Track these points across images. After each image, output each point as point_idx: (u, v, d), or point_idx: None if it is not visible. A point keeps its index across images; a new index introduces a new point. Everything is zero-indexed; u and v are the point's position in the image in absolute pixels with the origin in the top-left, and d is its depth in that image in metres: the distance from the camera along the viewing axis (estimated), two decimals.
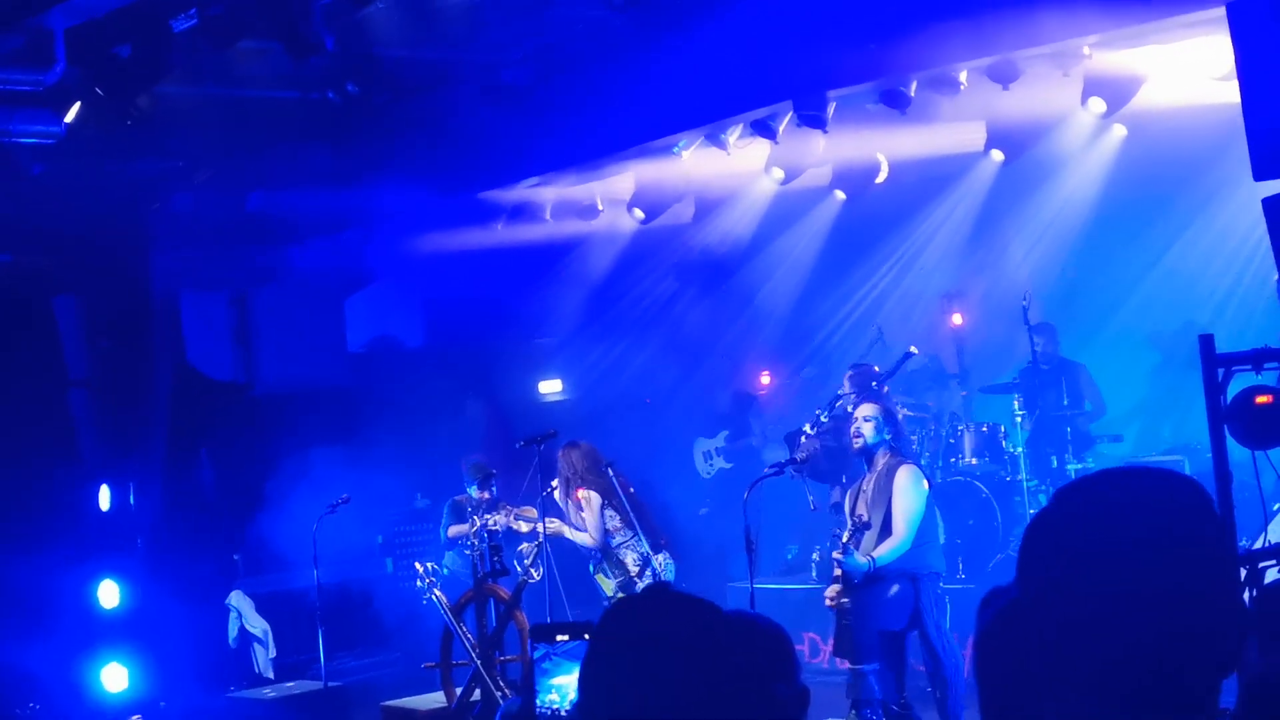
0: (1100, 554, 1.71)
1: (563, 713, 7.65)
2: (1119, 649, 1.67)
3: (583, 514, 10.07)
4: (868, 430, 8.75)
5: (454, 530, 11.88)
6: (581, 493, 10.00)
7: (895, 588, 8.49)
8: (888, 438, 8.75)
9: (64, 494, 11.42)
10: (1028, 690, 1.74)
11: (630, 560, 9.84)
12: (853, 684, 8.57)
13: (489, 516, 11.35)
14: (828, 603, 8.62)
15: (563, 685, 8.19)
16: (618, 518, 9.86)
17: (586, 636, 7.15)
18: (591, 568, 10.29)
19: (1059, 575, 1.73)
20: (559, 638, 7.83)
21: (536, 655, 7.79)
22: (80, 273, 12.16)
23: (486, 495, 11.77)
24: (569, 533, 10.23)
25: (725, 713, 2.06)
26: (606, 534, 9.91)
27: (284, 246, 13.08)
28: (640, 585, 9.69)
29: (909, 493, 8.51)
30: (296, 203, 12.71)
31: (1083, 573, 1.70)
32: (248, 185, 12.51)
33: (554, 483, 10.26)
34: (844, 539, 8.46)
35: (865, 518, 8.50)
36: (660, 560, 9.76)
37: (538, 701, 7.66)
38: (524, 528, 11.29)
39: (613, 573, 9.96)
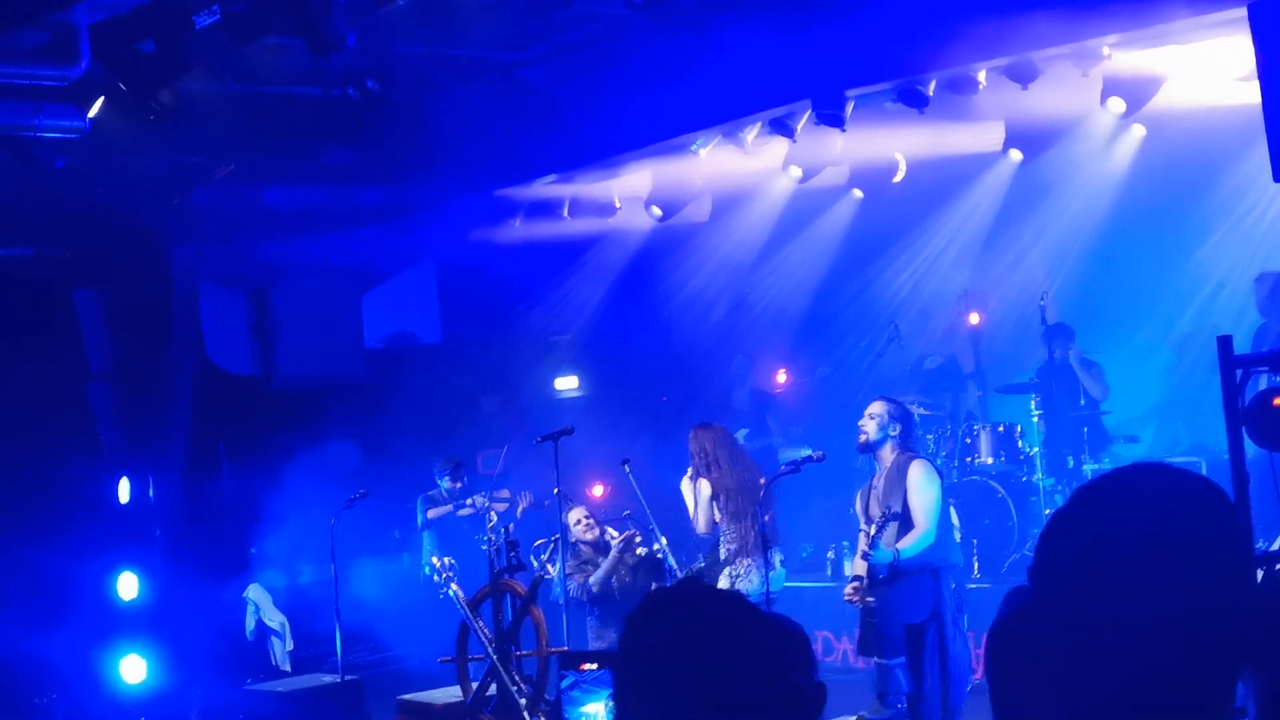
0: (1117, 555, 1.69)
1: None
2: (1135, 651, 1.66)
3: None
4: (871, 427, 8.65)
5: (433, 512, 12.06)
6: (701, 480, 9.62)
7: (917, 582, 8.47)
8: (893, 434, 8.65)
9: (84, 486, 11.49)
10: (1040, 692, 1.74)
11: (721, 554, 9.65)
12: (879, 678, 8.56)
13: (471, 499, 11.55)
14: (847, 598, 8.63)
15: (592, 713, 8.18)
16: (725, 514, 9.58)
17: None
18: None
19: (1075, 576, 1.71)
20: (584, 666, 7.80)
21: (565, 684, 7.76)
22: (102, 266, 12.21)
23: (459, 484, 11.94)
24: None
25: (751, 705, 2.09)
26: (714, 525, 9.58)
27: (303, 242, 13.13)
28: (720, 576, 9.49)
29: (924, 487, 8.44)
30: (315, 198, 12.75)
31: (1099, 573, 1.69)
32: (267, 180, 12.56)
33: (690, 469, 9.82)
34: (870, 532, 8.42)
35: (895, 509, 8.45)
36: (744, 565, 9.35)
37: None
38: (501, 507, 11.48)
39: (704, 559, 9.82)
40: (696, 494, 9.65)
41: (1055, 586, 1.74)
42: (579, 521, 10.54)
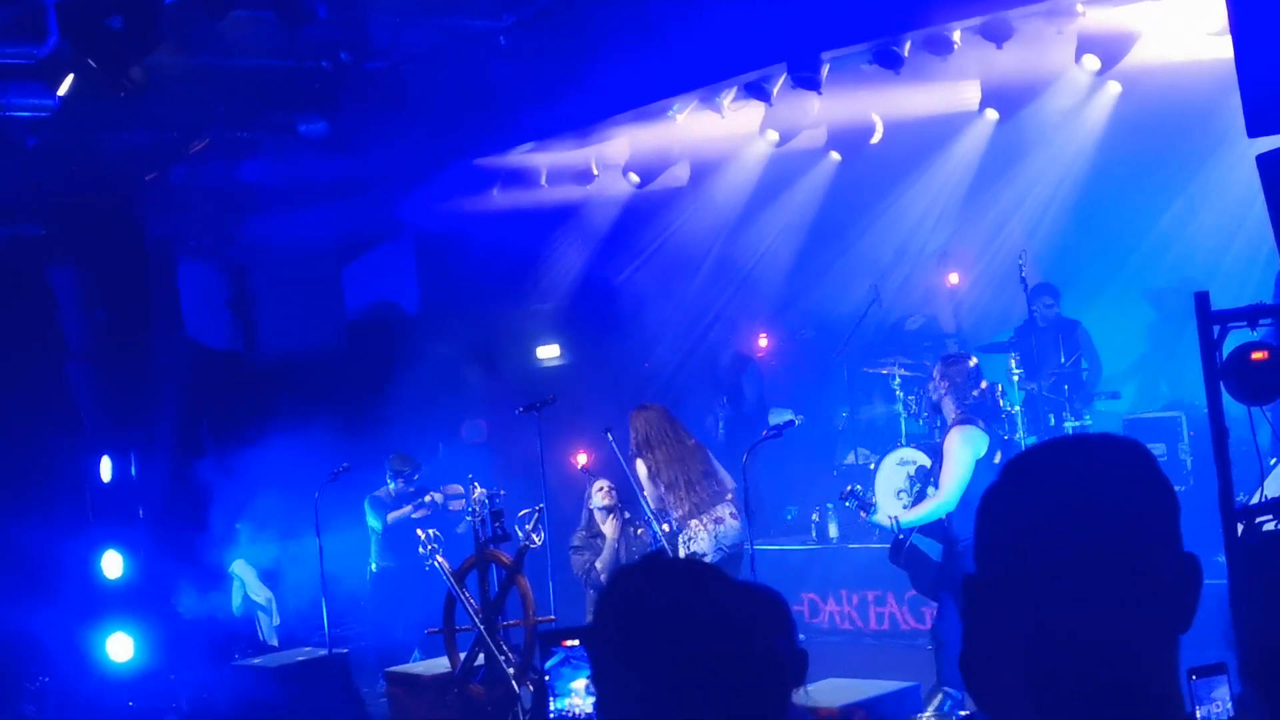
0: (1045, 529, 1.68)
1: (583, 716, 7.66)
2: (1067, 625, 1.65)
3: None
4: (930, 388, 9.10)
5: (394, 516, 11.95)
6: (638, 461, 9.77)
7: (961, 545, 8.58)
8: (934, 398, 9.05)
9: (65, 466, 11.47)
10: (991, 669, 1.73)
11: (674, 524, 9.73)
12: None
13: (426, 496, 11.50)
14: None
15: (578, 688, 8.20)
16: (661, 485, 9.72)
17: None
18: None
19: (1006, 552, 1.71)
20: (567, 642, 7.81)
21: (550, 663, 7.77)
22: (77, 244, 12.16)
23: (411, 488, 11.88)
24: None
25: (727, 669, 2.09)
26: (662, 499, 9.69)
27: (280, 215, 13.07)
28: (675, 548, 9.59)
29: (954, 455, 8.63)
30: (292, 171, 12.68)
31: (1028, 549, 1.68)
32: (243, 154, 12.49)
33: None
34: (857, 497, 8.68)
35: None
36: (693, 527, 9.47)
37: (559, 706, 7.64)
38: (458, 505, 11.37)
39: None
40: (638, 475, 9.77)
41: (989, 565, 1.73)
42: (600, 488, 10.49)
